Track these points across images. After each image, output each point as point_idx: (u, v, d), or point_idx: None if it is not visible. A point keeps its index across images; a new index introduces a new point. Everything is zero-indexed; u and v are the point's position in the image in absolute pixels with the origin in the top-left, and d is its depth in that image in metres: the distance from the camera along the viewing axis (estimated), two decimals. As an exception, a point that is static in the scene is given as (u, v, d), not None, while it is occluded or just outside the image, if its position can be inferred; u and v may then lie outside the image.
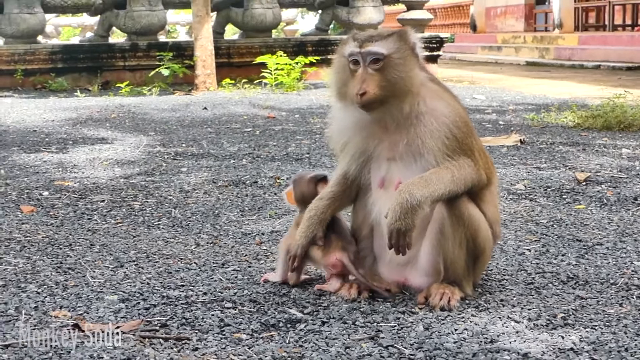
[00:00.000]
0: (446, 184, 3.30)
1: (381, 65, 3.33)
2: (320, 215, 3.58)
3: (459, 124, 3.39)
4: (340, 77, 3.46)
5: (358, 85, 3.31)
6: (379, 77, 3.33)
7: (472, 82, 15.84)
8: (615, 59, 20.37)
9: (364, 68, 3.34)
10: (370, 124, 3.44)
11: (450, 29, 34.06)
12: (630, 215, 5.02)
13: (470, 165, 3.37)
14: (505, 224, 4.80)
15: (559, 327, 3.16)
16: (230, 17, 16.39)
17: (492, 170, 3.56)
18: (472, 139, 3.44)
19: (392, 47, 3.36)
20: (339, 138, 3.62)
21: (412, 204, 3.24)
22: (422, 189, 3.25)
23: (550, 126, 9.14)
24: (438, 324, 3.18)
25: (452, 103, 3.47)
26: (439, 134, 3.35)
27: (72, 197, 5.66)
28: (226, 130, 9.16)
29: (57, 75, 14.87)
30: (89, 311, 3.35)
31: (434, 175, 3.31)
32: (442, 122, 3.36)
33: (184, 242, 4.54)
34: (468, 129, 3.44)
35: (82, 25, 29.69)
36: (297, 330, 3.14)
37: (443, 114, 3.38)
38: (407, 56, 3.39)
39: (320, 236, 3.57)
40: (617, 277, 3.79)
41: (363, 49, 3.35)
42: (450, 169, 3.33)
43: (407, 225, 3.26)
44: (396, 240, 3.29)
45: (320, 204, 3.60)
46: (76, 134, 8.84)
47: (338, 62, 3.49)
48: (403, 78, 3.35)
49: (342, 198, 3.61)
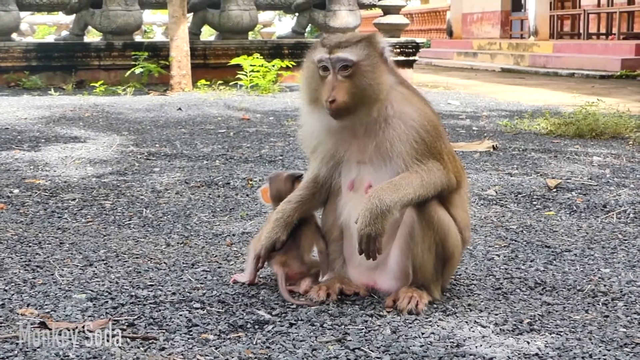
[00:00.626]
0: (415, 189, 3.32)
1: (350, 72, 3.33)
2: (287, 218, 3.58)
3: (427, 128, 3.40)
4: (310, 82, 3.45)
5: (327, 92, 3.31)
6: (349, 84, 3.33)
7: (447, 87, 15.91)
8: (589, 67, 20.51)
9: (333, 75, 3.34)
10: (339, 129, 3.44)
11: (427, 34, 34.17)
12: (599, 223, 5.07)
13: (439, 169, 3.39)
14: (475, 229, 4.83)
15: (525, 332, 3.18)
16: (207, 19, 16.37)
17: (461, 174, 3.58)
18: (441, 143, 3.45)
19: (361, 54, 3.36)
20: (309, 141, 3.62)
21: (382, 209, 3.25)
22: (392, 194, 3.27)
23: (523, 133, 9.20)
24: (405, 328, 3.19)
25: (421, 107, 3.48)
26: (407, 137, 3.36)
27: (42, 195, 5.63)
28: (200, 131, 9.15)
29: (31, 73, 14.77)
30: (56, 309, 3.34)
31: (403, 180, 3.32)
32: (411, 126, 3.38)
33: (155, 242, 4.54)
34: (437, 132, 3.45)
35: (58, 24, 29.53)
36: (264, 332, 3.14)
37: (411, 117, 3.40)
38: (376, 62, 3.39)
39: (282, 240, 3.57)
40: (584, 283, 3.82)
41: (332, 55, 3.34)
42: (420, 173, 3.35)
43: (377, 231, 3.27)
44: (366, 245, 3.30)
45: (287, 207, 3.60)
46: (49, 133, 8.79)
47: (308, 67, 3.49)
48: (372, 85, 3.35)
49: (311, 201, 3.62)
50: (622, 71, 19.09)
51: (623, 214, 5.27)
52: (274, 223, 3.58)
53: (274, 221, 3.58)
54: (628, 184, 6.16)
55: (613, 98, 13.17)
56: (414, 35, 31.11)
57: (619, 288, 3.76)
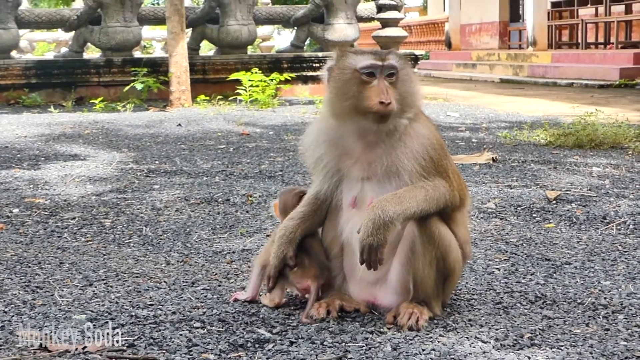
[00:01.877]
0: (419, 203, 3.32)
1: (394, 79, 3.40)
2: (289, 235, 3.58)
3: (435, 146, 3.44)
4: (347, 89, 3.42)
5: (378, 96, 3.33)
6: (393, 90, 3.38)
7: (447, 99, 15.92)
8: (588, 77, 20.53)
9: (382, 80, 3.38)
10: (350, 140, 3.46)
11: (426, 46, 34.23)
12: (599, 235, 5.06)
13: (444, 186, 3.40)
14: (475, 242, 4.82)
15: (525, 347, 3.17)
16: (206, 34, 16.41)
17: (465, 191, 3.58)
18: (446, 161, 3.48)
19: (402, 62, 3.45)
20: (313, 153, 3.62)
21: (385, 220, 3.26)
22: (395, 206, 3.27)
23: (522, 144, 9.20)
24: (406, 344, 3.19)
25: (429, 124, 3.53)
26: (417, 154, 3.39)
27: (42, 215, 5.63)
28: (200, 147, 9.16)
29: (31, 90, 14.82)
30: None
31: (407, 193, 3.33)
32: (421, 143, 3.41)
33: (154, 260, 4.54)
34: (443, 150, 3.49)
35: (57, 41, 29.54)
36: (265, 351, 3.14)
37: (422, 134, 3.44)
38: (411, 73, 3.51)
39: (291, 255, 3.57)
40: (584, 296, 3.81)
41: (385, 62, 3.39)
42: (425, 188, 3.36)
43: (379, 241, 3.27)
44: (368, 255, 3.30)
45: (289, 224, 3.60)
46: (48, 151, 8.80)
47: (343, 73, 3.45)
48: (411, 94, 3.45)
49: (313, 218, 3.62)
50: (620, 80, 19.12)
51: (623, 225, 5.27)
52: (278, 241, 3.59)
53: (277, 239, 3.59)
54: (627, 195, 6.16)
55: (612, 107, 13.19)
56: (412, 47, 31.23)
57: (620, 301, 3.75)
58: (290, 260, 3.58)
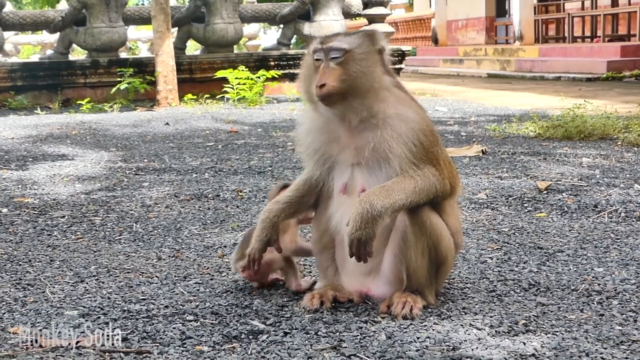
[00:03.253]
0: (408, 194, 3.30)
1: (342, 60, 3.35)
2: (273, 218, 3.56)
3: (426, 132, 3.39)
4: (306, 76, 3.49)
5: (318, 78, 3.34)
6: (340, 71, 3.34)
7: (434, 94, 15.93)
8: (575, 70, 20.57)
9: (326, 63, 3.37)
10: (335, 126, 3.44)
11: (412, 42, 34.24)
12: (591, 223, 5.06)
13: (434, 175, 3.37)
14: (468, 232, 4.81)
15: (520, 333, 3.16)
16: (192, 33, 16.36)
17: (456, 180, 3.56)
18: (438, 148, 3.44)
19: (354, 43, 3.39)
20: (304, 140, 3.60)
21: (373, 214, 3.23)
22: (383, 199, 3.25)
23: (511, 137, 9.20)
24: (400, 333, 3.17)
25: (419, 111, 3.48)
26: (407, 139, 3.34)
27: (31, 214, 5.60)
28: (188, 145, 9.13)
29: (17, 93, 14.76)
30: (48, 327, 3.30)
31: (396, 185, 3.30)
32: (410, 128, 3.36)
33: (146, 256, 4.51)
34: (434, 137, 3.44)
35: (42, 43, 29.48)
36: (259, 342, 3.12)
37: (411, 119, 3.39)
38: (371, 53, 3.41)
39: (275, 239, 3.57)
40: (577, 283, 3.81)
41: (325, 45, 3.38)
42: (414, 178, 3.33)
43: (368, 235, 3.25)
44: (357, 249, 3.28)
45: (274, 207, 3.59)
46: (36, 151, 8.76)
47: (305, 62, 3.53)
48: (365, 73, 3.37)
49: (299, 204, 3.60)
50: (608, 73, 19.16)
51: (614, 213, 5.27)
52: (261, 224, 3.57)
53: (260, 222, 3.58)
54: (618, 184, 6.16)
55: (600, 100, 13.21)
56: (399, 43, 31.22)
57: (613, 286, 3.74)
58: (275, 243, 3.57)
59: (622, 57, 20.04)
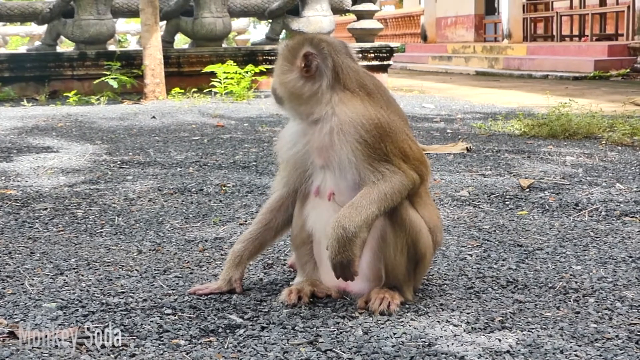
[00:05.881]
0: (378, 204, 3.26)
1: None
2: (235, 259, 3.68)
3: (366, 127, 3.29)
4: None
5: None
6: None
7: (422, 91, 15.94)
8: (562, 69, 20.64)
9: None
10: (304, 130, 3.47)
11: (401, 38, 34.28)
12: (571, 221, 5.08)
13: (395, 172, 3.30)
14: (449, 229, 4.83)
15: (496, 330, 3.18)
16: (180, 26, 16.33)
17: (422, 166, 3.45)
18: (387, 143, 3.31)
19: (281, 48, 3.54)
20: (281, 145, 3.64)
21: (348, 237, 3.23)
22: (355, 218, 3.23)
23: (497, 134, 9.23)
24: (377, 328, 3.19)
25: (359, 107, 3.33)
26: (347, 137, 3.30)
27: (13, 206, 5.59)
28: (174, 138, 9.12)
29: (4, 84, 14.71)
30: (26, 319, 3.30)
31: (363, 199, 3.27)
32: (348, 124, 3.30)
33: (126, 249, 4.51)
34: (380, 132, 3.30)
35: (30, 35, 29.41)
36: (236, 336, 3.13)
37: (348, 117, 3.31)
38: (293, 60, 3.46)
39: (236, 279, 3.64)
40: (555, 281, 3.83)
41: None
42: (377, 184, 3.28)
43: (348, 257, 3.25)
44: (341, 272, 3.29)
45: (236, 248, 3.70)
46: (21, 143, 8.74)
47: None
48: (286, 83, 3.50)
49: (264, 234, 3.71)
50: (595, 72, 19.24)
51: (595, 212, 5.29)
52: (226, 265, 3.70)
53: (226, 263, 3.71)
54: (600, 183, 6.19)
55: (586, 99, 13.26)
56: (388, 40, 31.25)
57: (590, 285, 3.76)
58: (235, 283, 3.64)
59: (609, 57, 20.11)
